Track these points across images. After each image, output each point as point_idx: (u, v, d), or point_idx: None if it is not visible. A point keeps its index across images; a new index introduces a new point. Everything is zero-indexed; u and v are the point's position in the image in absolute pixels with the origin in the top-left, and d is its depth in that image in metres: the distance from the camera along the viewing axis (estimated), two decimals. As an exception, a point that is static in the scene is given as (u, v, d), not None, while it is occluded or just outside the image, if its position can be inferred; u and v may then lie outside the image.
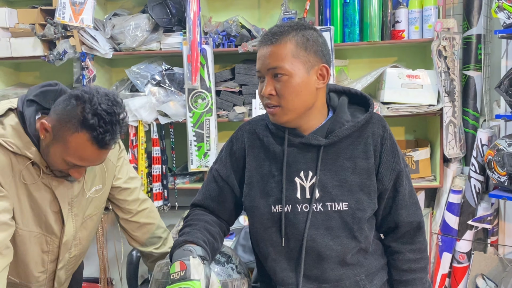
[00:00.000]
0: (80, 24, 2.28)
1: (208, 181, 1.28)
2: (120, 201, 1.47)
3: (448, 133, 2.20)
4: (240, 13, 2.47)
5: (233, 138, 1.27)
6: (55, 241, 1.31)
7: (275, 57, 1.08)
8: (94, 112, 1.09)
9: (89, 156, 1.14)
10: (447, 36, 2.15)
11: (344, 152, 1.14)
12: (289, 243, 1.15)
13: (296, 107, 1.10)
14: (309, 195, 1.13)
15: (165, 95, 2.39)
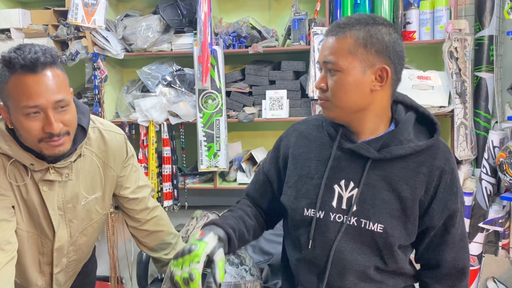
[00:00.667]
0: (92, 25, 2.31)
1: (256, 173, 1.32)
2: (129, 210, 1.45)
3: (459, 135, 2.19)
4: (250, 14, 2.47)
5: (284, 135, 1.27)
6: (49, 244, 1.30)
7: (332, 51, 1.03)
8: (8, 55, 1.08)
9: (32, 87, 1.06)
10: (459, 37, 2.14)
11: (393, 172, 1.06)
12: (316, 249, 1.12)
13: (344, 106, 1.05)
14: (345, 206, 1.08)
15: (175, 96, 2.40)
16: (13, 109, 1.10)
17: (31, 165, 1.18)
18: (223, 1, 2.56)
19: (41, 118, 1.09)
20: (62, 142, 1.13)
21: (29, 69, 1.06)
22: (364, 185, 1.07)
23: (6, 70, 1.08)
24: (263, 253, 1.56)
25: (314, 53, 2.21)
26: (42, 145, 1.12)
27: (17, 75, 1.07)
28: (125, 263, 2.75)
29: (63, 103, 1.12)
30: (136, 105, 2.40)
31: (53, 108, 1.10)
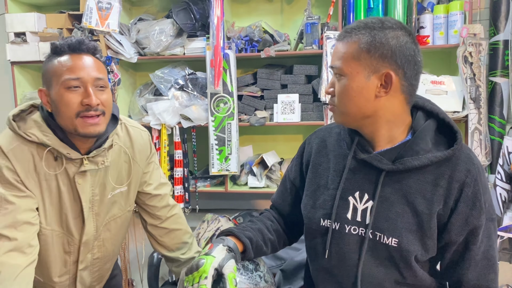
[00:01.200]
0: (106, 28, 2.33)
1: (282, 181, 1.31)
2: (150, 207, 1.47)
3: (473, 140, 2.16)
4: (263, 18, 2.48)
5: (307, 141, 1.26)
6: (76, 242, 1.32)
7: (338, 56, 1.02)
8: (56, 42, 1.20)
9: (75, 62, 1.17)
10: (473, 42, 2.12)
11: (408, 185, 1.02)
12: (332, 260, 1.10)
13: (348, 111, 1.02)
14: (360, 218, 1.06)
15: (188, 99, 2.41)
16: (55, 85, 1.17)
17: (67, 154, 1.21)
18: (235, 5, 2.57)
19: (80, 92, 1.17)
20: (98, 121, 1.19)
21: (75, 49, 1.18)
22: (379, 198, 1.03)
23: (53, 55, 1.20)
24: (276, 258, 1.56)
25: (326, 57, 2.20)
26: (78, 121, 1.17)
27: (64, 55, 1.18)
28: (136, 265, 2.76)
29: (102, 82, 1.20)
30: (148, 108, 2.42)
31: (92, 84, 1.18)
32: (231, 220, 2.30)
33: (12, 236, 1.15)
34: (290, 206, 1.27)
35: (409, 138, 1.04)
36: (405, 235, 1.01)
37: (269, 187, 2.43)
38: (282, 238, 1.26)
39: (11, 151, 1.19)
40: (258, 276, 1.18)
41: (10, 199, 1.17)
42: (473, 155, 1.04)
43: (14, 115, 1.23)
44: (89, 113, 1.17)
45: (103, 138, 1.27)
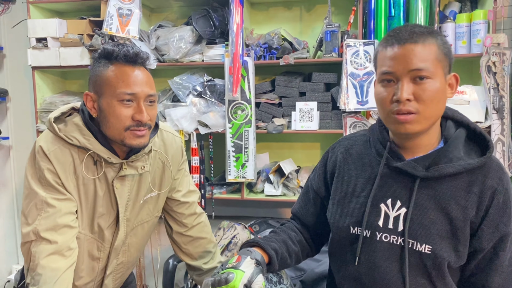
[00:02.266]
0: (126, 35, 2.35)
1: (304, 191, 1.29)
2: (178, 214, 1.46)
3: (496, 151, 2.12)
4: (282, 25, 2.48)
5: (330, 150, 1.25)
6: (106, 247, 1.33)
7: (420, 57, 0.97)
8: (111, 47, 1.19)
9: (131, 76, 1.17)
10: (497, 51, 2.08)
11: (442, 191, 1.02)
12: (362, 267, 1.09)
13: (432, 115, 0.99)
14: (392, 226, 1.05)
15: (205, 106, 2.41)
16: (108, 95, 1.18)
17: (108, 158, 1.22)
18: (254, 13, 2.57)
19: (133, 106, 1.18)
20: (144, 134, 1.20)
21: (131, 61, 1.18)
22: (414, 204, 1.03)
23: (105, 60, 1.19)
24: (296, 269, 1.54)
25: (346, 65, 2.19)
26: (127, 134, 1.18)
27: (117, 64, 1.18)
28: (151, 272, 2.76)
29: (153, 98, 1.22)
30: (166, 114, 2.42)
31: (144, 100, 1.19)
32: (247, 228, 2.28)
33: (52, 239, 1.17)
34: (313, 216, 1.25)
35: (441, 145, 1.06)
36: (438, 242, 1.01)
37: (285, 195, 2.41)
38: (306, 249, 1.25)
39: (52, 153, 1.20)
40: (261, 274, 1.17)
41: (51, 202, 1.18)
42: (502, 164, 1.06)
43: (55, 117, 1.23)
44: (138, 128, 1.18)
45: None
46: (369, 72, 2.19)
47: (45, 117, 2.55)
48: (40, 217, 1.17)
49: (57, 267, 1.16)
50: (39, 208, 1.18)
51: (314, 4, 2.49)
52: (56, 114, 1.24)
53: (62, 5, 2.62)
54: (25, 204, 1.21)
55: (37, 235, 1.17)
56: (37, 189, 1.19)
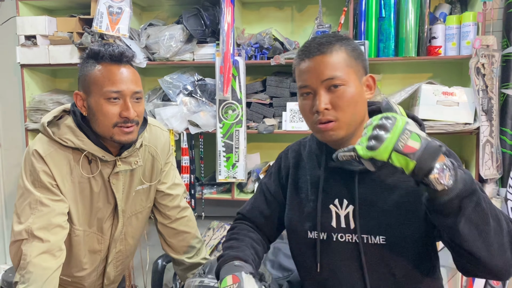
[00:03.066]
0: (116, 33, 2.33)
1: (257, 194, 1.29)
2: (162, 205, 1.51)
3: (485, 153, 2.13)
4: (273, 25, 2.47)
5: (282, 155, 1.27)
6: (106, 239, 1.38)
7: (329, 67, 1.01)
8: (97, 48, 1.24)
9: (117, 74, 1.21)
10: (486, 53, 2.09)
11: (382, 180, 1.05)
12: (323, 272, 1.10)
13: (352, 120, 1.02)
14: (344, 224, 1.07)
15: (196, 105, 2.40)
16: (95, 94, 1.22)
17: (102, 157, 1.27)
18: (246, 12, 2.57)
19: (119, 104, 1.22)
20: (132, 130, 1.25)
21: (116, 60, 1.23)
22: (358, 200, 1.06)
23: (92, 60, 1.24)
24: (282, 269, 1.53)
25: (337, 66, 2.19)
26: (115, 130, 1.23)
27: (104, 63, 1.22)
28: (140, 271, 2.74)
29: (139, 95, 1.26)
30: (156, 113, 2.41)
31: (131, 97, 1.24)
32: (237, 228, 2.28)
33: (45, 238, 1.20)
34: (266, 218, 1.25)
35: None
36: (391, 230, 1.03)
37: (276, 195, 2.40)
38: (265, 247, 1.26)
39: (48, 156, 1.24)
40: (264, 286, 1.17)
41: (45, 201, 1.22)
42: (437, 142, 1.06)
43: (48, 121, 1.27)
44: (125, 124, 1.23)
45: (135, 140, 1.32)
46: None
47: (34, 115, 2.53)
48: (34, 216, 1.20)
49: (47, 266, 1.18)
50: (33, 207, 1.21)
51: (306, 4, 2.49)
52: (49, 119, 1.28)
53: (52, 2, 2.59)
54: (19, 203, 1.24)
55: (29, 234, 1.19)
56: (32, 190, 1.23)
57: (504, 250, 0.89)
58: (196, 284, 1.09)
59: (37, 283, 1.15)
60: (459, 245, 0.89)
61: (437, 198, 0.84)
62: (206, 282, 1.06)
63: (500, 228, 0.89)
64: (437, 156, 0.82)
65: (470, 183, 0.85)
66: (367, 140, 0.84)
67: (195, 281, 1.10)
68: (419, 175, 0.82)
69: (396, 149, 0.82)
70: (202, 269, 1.16)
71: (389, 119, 0.84)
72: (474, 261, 0.90)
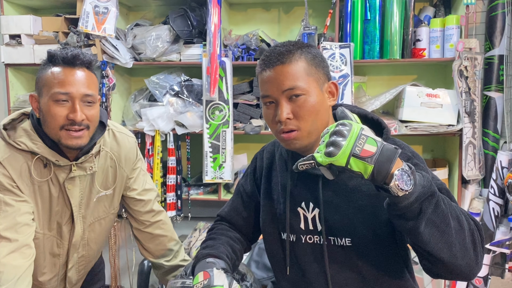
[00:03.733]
0: (102, 33, 2.32)
1: (235, 195, 1.30)
2: (135, 211, 1.49)
3: (468, 154, 2.17)
4: (260, 27, 2.48)
5: (257, 156, 1.28)
6: (65, 244, 1.36)
7: (289, 77, 1.01)
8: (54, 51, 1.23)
9: (67, 76, 1.19)
10: (469, 56, 2.13)
11: (345, 183, 1.06)
12: (294, 272, 1.12)
13: (314, 128, 1.03)
14: (312, 226, 1.09)
15: (182, 106, 2.40)
16: (45, 95, 1.20)
17: (56, 161, 1.25)
18: (233, 13, 2.57)
19: (68, 106, 1.20)
20: (81, 135, 1.22)
21: (68, 63, 1.21)
22: (323, 203, 1.07)
23: (48, 63, 1.22)
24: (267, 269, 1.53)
25: (322, 67, 2.20)
26: (62, 133, 1.21)
27: (57, 66, 1.21)
28: (126, 273, 2.73)
29: (90, 98, 1.23)
30: (143, 114, 2.40)
31: (80, 100, 1.21)
32: (224, 229, 2.28)
33: (13, 237, 1.19)
34: (245, 220, 1.26)
35: None
36: (355, 231, 1.04)
37: (262, 196, 2.41)
38: (244, 245, 1.26)
39: (6, 160, 1.23)
40: (245, 286, 1.17)
41: (9, 201, 1.21)
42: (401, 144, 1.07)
43: (4, 124, 1.26)
44: (73, 127, 1.21)
45: (90, 144, 1.30)
46: (344, 75, 2.21)
47: (18, 115, 2.50)
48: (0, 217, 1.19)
49: (18, 265, 1.17)
50: None
51: (292, 6, 2.51)
52: (5, 122, 1.27)
53: (37, 1, 2.57)
54: None
55: None
56: None
57: (466, 249, 0.89)
58: (178, 286, 1.09)
59: (8, 282, 1.14)
60: (421, 247, 0.89)
61: (398, 203, 0.84)
62: (188, 283, 1.06)
63: (461, 228, 0.89)
64: (394, 158, 0.82)
65: (429, 186, 0.85)
66: (325, 147, 0.84)
67: (177, 283, 1.10)
68: (378, 179, 0.83)
69: (354, 154, 0.82)
70: (184, 270, 1.16)
71: (345, 125, 0.85)
72: (437, 263, 0.90)
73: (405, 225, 0.87)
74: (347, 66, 2.21)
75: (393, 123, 2.18)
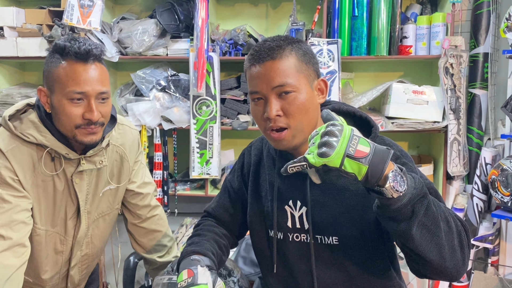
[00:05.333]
0: (87, 26, 2.28)
1: (222, 191, 1.28)
2: (132, 205, 1.47)
3: (452, 150, 2.19)
4: (248, 22, 2.47)
5: (245, 152, 1.26)
6: (69, 241, 1.33)
7: (280, 74, 0.98)
8: (63, 43, 1.16)
9: (81, 74, 1.15)
10: (455, 53, 2.15)
11: (333, 183, 1.05)
12: (281, 270, 1.12)
13: (304, 126, 1.00)
14: (299, 225, 1.08)
15: (169, 101, 2.38)
16: (58, 93, 1.16)
17: (66, 154, 1.21)
18: (220, 8, 2.55)
19: (83, 105, 1.17)
20: (96, 131, 1.20)
21: (82, 58, 1.15)
22: (311, 202, 1.06)
23: (57, 56, 1.16)
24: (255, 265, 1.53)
25: (310, 63, 2.20)
26: (77, 131, 1.18)
27: (69, 61, 1.15)
28: (111, 269, 2.71)
29: (105, 95, 1.20)
30: (129, 109, 2.37)
31: (96, 98, 1.18)
32: (210, 225, 2.27)
33: (7, 235, 1.15)
34: (232, 217, 1.25)
35: None
36: (343, 231, 1.04)
37: (249, 192, 2.41)
38: (231, 241, 1.25)
39: (10, 152, 1.18)
40: (232, 281, 1.17)
41: (7, 198, 1.17)
42: (389, 142, 1.06)
43: (10, 115, 1.21)
44: (89, 127, 1.18)
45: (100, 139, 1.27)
46: (332, 71, 2.22)
47: (1, 109, 2.45)
48: None
49: (9, 264, 1.14)
50: None
51: (280, 1, 2.50)
52: (11, 112, 1.22)
53: (20, -7, 2.52)
54: None
55: None
56: None
57: (454, 251, 0.89)
58: (165, 282, 1.08)
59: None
60: (411, 249, 0.88)
61: (389, 205, 0.83)
62: (174, 279, 1.05)
63: (450, 230, 0.89)
64: (387, 159, 0.81)
65: (420, 187, 0.84)
66: (317, 148, 0.82)
67: (163, 279, 1.09)
68: (372, 181, 0.81)
69: (348, 155, 0.80)
70: (171, 267, 1.15)
71: (336, 125, 0.83)
72: (425, 264, 0.90)
73: (396, 227, 0.86)
74: (335, 62, 2.21)
75: (379, 120, 2.19)
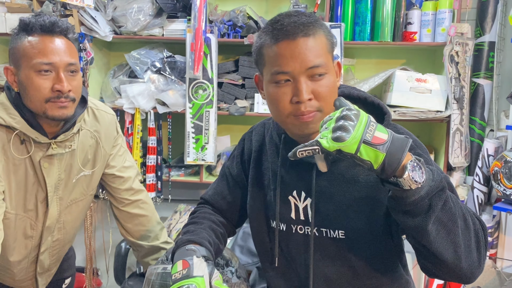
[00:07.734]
0: (80, 3, 2.18)
1: (220, 178, 1.22)
2: (113, 188, 1.45)
3: (454, 141, 2.15)
4: (247, 3, 2.38)
5: (245, 137, 1.19)
6: (39, 226, 1.30)
7: (315, 53, 0.89)
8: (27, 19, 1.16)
9: (48, 45, 1.14)
10: (461, 41, 2.09)
11: (341, 173, 0.98)
12: (282, 262, 1.06)
13: (331, 110, 0.89)
14: (303, 217, 1.02)
15: (164, 84, 2.30)
16: (25, 67, 1.14)
17: (35, 138, 1.19)
18: (219, -12, 2.47)
19: (51, 77, 1.14)
20: (67, 105, 1.17)
21: (47, 31, 1.14)
22: (316, 193, 0.99)
23: (23, 32, 1.15)
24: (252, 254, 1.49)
25: (312, 48, 2.14)
26: (48, 106, 1.15)
27: (34, 35, 1.14)
28: (102, 255, 2.65)
29: (74, 67, 1.17)
30: (122, 90, 2.29)
31: (64, 69, 1.15)
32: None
33: None
34: (229, 204, 1.19)
35: None
36: (349, 224, 0.98)
37: (245, 179, 2.35)
38: (228, 229, 1.20)
39: None
40: (230, 271, 1.14)
41: None
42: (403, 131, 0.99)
43: None
44: (59, 100, 1.15)
45: (71, 121, 1.24)
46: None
47: (-12, 88, 2.36)
48: None
49: None
50: None
51: (282, -17, 2.42)
52: None
53: (10, -34, 2.40)
54: None
55: None
56: None
57: (470, 251, 0.84)
58: (159, 271, 1.03)
59: None
60: (425, 246, 0.83)
61: (406, 198, 0.77)
62: (169, 269, 0.99)
63: (467, 228, 0.84)
64: (406, 148, 0.75)
65: (439, 180, 0.79)
66: (331, 132, 0.76)
67: (157, 268, 1.04)
68: (388, 170, 0.75)
69: (365, 140, 0.74)
70: (165, 255, 1.10)
71: (352, 110, 0.77)
72: (439, 263, 0.84)
73: (411, 222, 0.80)
74: (337, 47, 2.14)
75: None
